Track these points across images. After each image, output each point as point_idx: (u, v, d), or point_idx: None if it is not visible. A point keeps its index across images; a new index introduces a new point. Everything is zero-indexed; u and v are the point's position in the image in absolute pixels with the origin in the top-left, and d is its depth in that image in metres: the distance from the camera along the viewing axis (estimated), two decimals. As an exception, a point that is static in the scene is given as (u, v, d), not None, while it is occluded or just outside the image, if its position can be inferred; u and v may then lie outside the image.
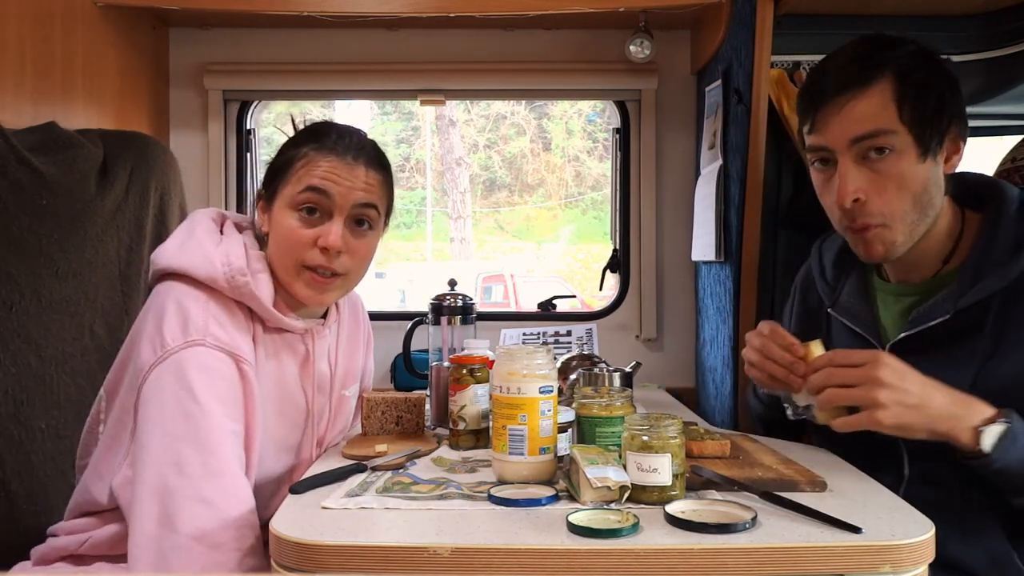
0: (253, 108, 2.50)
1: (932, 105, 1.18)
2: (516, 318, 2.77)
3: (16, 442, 1.45)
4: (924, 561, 0.92)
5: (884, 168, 1.18)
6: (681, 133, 2.46)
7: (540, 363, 1.14)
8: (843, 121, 1.19)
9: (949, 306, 1.19)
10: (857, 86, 1.18)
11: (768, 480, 1.10)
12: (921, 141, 1.17)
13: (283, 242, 1.28)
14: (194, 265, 1.22)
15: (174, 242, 1.27)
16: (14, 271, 1.47)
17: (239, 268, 1.22)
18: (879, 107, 1.17)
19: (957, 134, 1.22)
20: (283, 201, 1.28)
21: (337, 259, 1.28)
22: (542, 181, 14.55)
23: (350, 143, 1.31)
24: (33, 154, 1.53)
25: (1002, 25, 2.13)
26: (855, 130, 1.18)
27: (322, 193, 1.26)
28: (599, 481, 1.02)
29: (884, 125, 1.17)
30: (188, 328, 1.16)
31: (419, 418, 1.45)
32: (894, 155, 1.18)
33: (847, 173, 1.19)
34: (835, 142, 1.20)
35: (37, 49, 1.78)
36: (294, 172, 1.28)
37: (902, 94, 1.17)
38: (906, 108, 1.17)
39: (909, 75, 1.18)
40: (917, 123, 1.17)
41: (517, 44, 2.42)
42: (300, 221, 1.27)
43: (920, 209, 1.20)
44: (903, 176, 1.18)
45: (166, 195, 1.90)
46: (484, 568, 0.90)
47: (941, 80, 1.21)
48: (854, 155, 1.19)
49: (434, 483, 1.14)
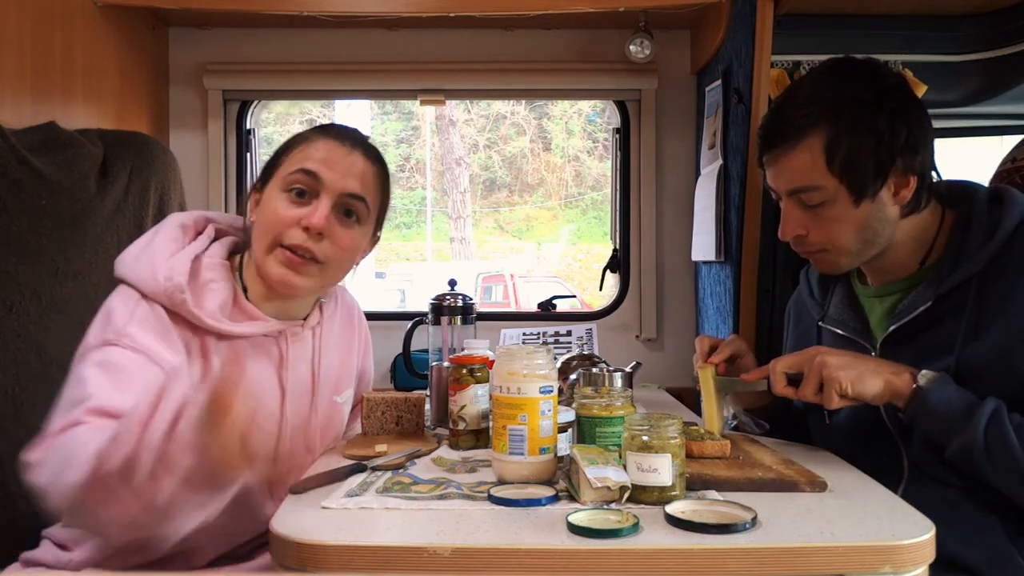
0: (253, 108, 2.50)
1: (866, 153, 1.22)
2: (516, 318, 2.77)
3: (16, 442, 1.44)
4: (924, 561, 0.92)
5: (821, 213, 1.26)
6: (681, 133, 2.46)
7: (540, 363, 1.14)
8: (779, 173, 1.29)
9: (930, 294, 1.24)
10: (788, 142, 1.26)
11: (768, 480, 1.10)
12: (854, 191, 1.23)
13: (265, 222, 1.27)
14: (141, 279, 1.22)
15: (134, 249, 1.27)
16: (14, 271, 1.47)
17: (178, 285, 1.20)
18: (808, 164, 1.24)
19: (903, 171, 1.23)
20: (275, 184, 1.28)
21: (318, 242, 1.25)
22: (542, 181, 14.55)
23: (348, 134, 1.32)
24: (33, 154, 1.53)
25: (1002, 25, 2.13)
26: (789, 182, 1.28)
27: (312, 175, 1.25)
28: (599, 481, 1.02)
29: (812, 181, 1.24)
30: (107, 329, 1.17)
31: (419, 418, 1.44)
32: (828, 203, 1.25)
33: (788, 214, 1.30)
34: (777, 187, 1.32)
35: (37, 49, 1.78)
36: (290, 155, 1.29)
37: (831, 148, 1.22)
38: (835, 163, 1.23)
39: (840, 127, 1.22)
40: (847, 175, 1.23)
41: (517, 44, 2.42)
42: (288, 202, 1.26)
43: (863, 240, 1.27)
44: (840, 220, 1.26)
45: (166, 195, 1.90)
46: (484, 568, 0.90)
47: (881, 119, 1.22)
48: (793, 201, 1.29)
49: (434, 483, 1.14)
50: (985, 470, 1.13)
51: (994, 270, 1.22)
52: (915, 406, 1.17)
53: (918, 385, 1.17)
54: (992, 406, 1.13)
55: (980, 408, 1.13)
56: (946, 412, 1.15)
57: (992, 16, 2.13)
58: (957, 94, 2.38)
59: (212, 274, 1.26)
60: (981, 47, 2.19)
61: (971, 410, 1.13)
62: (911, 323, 1.26)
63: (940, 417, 1.15)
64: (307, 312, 1.38)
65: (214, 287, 1.25)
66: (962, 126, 2.80)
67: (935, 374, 1.17)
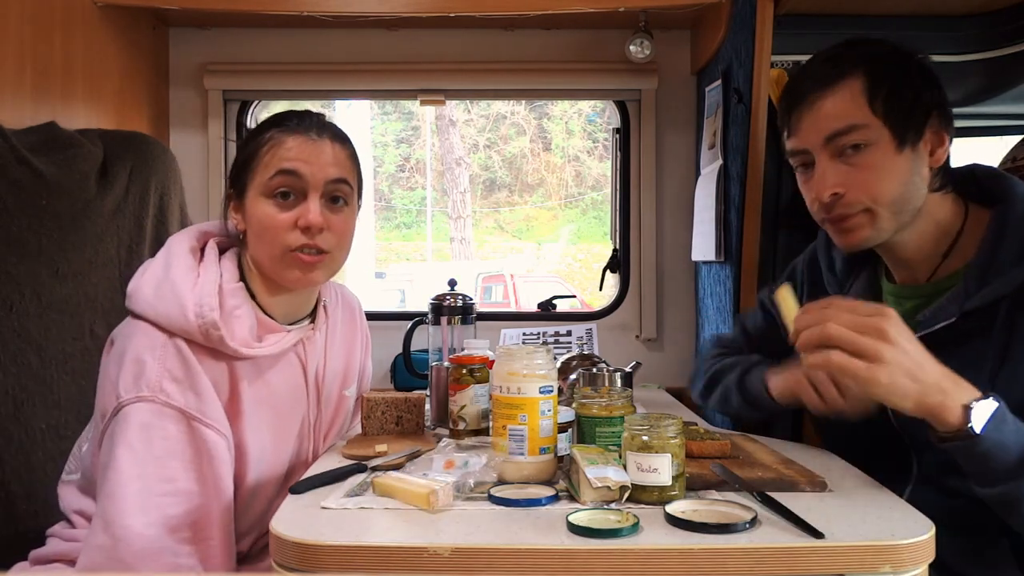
0: (253, 108, 2.50)
1: (906, 97, 1.18)
2: (516, 318, 2.77)
3: (16, 442, 1.45)
4: (924, 561, 0.92)
5: (861, 162, 1.18)
6: (681, 133, 2.46)
7: (540, 363, 1.14)
8: (816, 120, 1.20)
9: (955, 309, 1.17)
10: (826, 84, 1.19)
11: (768, 480, 1.10)
12: (896, 132, 1.17)
13: (263, 232, 1.27)
14: (168, 317, 1.21)
15: (149, 282, 1.25)
16: (14, 271, 1.47)
17: (212, 321, 1.20)
18: (849, 102, 1.18)
19: (939, 126, 1.20)
20: (255, 191, 1.27)
21: (320, 236, 1.27)
22: (542, 181, 14.55)
23: (311, 122, 1.30)
24: (33, 154, 1.53)
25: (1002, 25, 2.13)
26: (828, 127, 1.19)
27: (293, 174, 1.25)
28: (599, 481, 1.02)
29: (856, 120, 1.17)
30: (140, 383, 1.17)
31: (419, 418, 1.44)
32: (870, 148, 1.17)
33: (825, 171, 1.20)
34: (810, 141, 1.21)
35: (37, 49, 1.78)
36: (260, 160, 1.27)
37: (873, 88, 1.17)
38: (878, 101, 1.17)
39: (879, 69, 1.18)
40: (891, 115, 1.17)
41: (517, 44, 2.42)
42: (276, 207, 1.26)
43: (902, 199, 1.18)
44: (881, 168, 1.17)
45: (166, 195, 1.90)
46: (484, 568, 0.90)
47: (914, 73, 1.20)
48: (830, 152, 1.20)
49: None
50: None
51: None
52: (965, 447, 1.03)
53: (974, 432, 1.01)
54: None
55: None
56: (999, 458, 1.02)
57: (992, 16, 2.13)
58: (957, 94, 2.38)
59: (235, 300, 1.26)
60: (981, 47, 2.19)
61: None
62: (934, 336, 1.15)
63: (990, 461, 1.03)
64: (312, 304, 1.40)
65: (239, 313, 1.25)
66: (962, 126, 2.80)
67: (993, 407, 1.02)
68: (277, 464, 1.33)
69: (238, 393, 1.26)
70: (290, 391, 1.34)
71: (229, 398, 1.25)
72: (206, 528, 1.18)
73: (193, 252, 1.30)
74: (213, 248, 1.32)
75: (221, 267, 1.29)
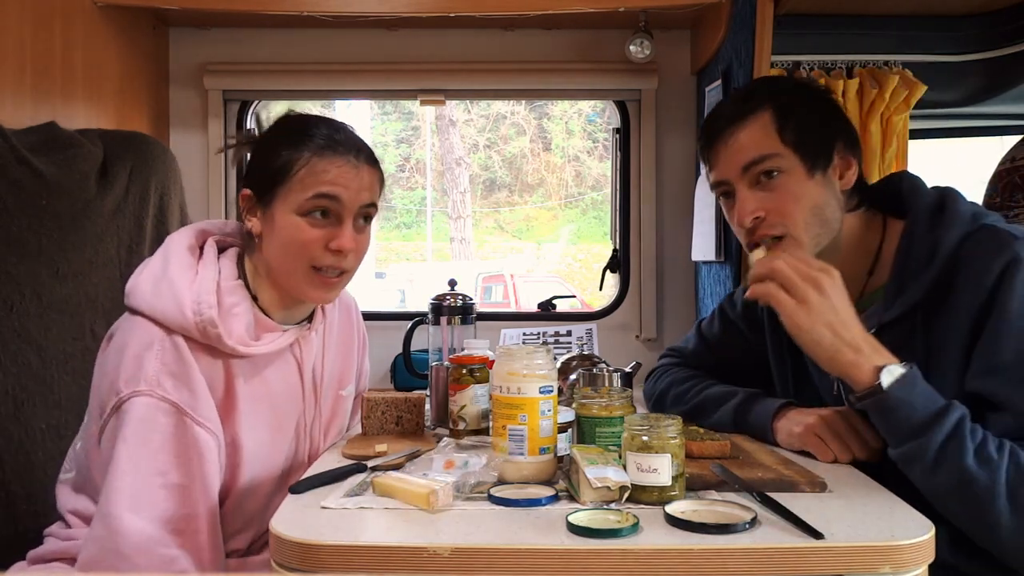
0: (253, 108, 2.50)
1: (812, 125, 1.27)
2: (516, 318, 2.77)
3: (16, 442, 1.45)
4: (924, 561, 0.92)
5: (776, 187, 1.26)
6: (681, 133, 2.46)
7: (540, 363, 1.14)
8: (731, 152, 1.28)
9: (874, 322, 1.22)
10: (739, 119, 1.28)
11: (768, 481, 1.10)
12: (806, 160, 1.25)
13: (290, 245, 1.27)
14: (165, 313, 1.21)
15: (147, 279, 1.25)
16: (14, 271, 1.47)
17: (210, 319, 1.21)
18: (760, 133, 1.26)
19: (845, 151, 1.29)
20: (288, 207, 1.26)
21: (347, 258, 1.29)
22: (542, 181, 14.55)
23: (348, 143, 1.30)
24: (33, 154, 1.53)
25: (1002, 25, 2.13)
26: (743, 158, 1.27)
27: (334, 199, 1.26)
28: (599, 481, 1.02)
29: (767, 150, 1.25)
30: (139, 377, 1.18)
31: (419, 418, 1.44)
32: (783, 175, 1.25)
33: (745, 198, 1.27)
34: (729, 172, 1.29)
35: (37, 49, 1.78)
36: (296, 176, 1.26)
37: (781, 119, 1.26)
38: (787, 131, 1.25)
39: (786, 102, 1.27)
40: (799, 144, 1.25)
41: (517, 44, 2.42)
42: (311, 224, 1.26)
43: (818, 222, 1.25)
44: (794, 192, 1.25)
45: (166, 195, 1.90)
46: (484, 568, 0.90)
47: (819, 103, 1.31)
48: (748, 181, 1.27)
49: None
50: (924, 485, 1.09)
51: (937, 298, 1.18)
52: (875, 403, 1.10)
53: (882, 387, 1.09)
54: (956, 417, 1.06)
55: (942, 420, 1.06)
56: (905, 415, 1.08)
57: (992, 16, 2.13)
58: (957, 94, 2.38)
59: (233, 298, 1.27)
60: (981, 47, 2.19)
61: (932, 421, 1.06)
62: None
63: (896, 417, 1.09)
64: (311, 306, 1.40)
65: (237, 311, 1.26)
66: (962, 126, 2.81)
67: (901, 370, 1.09)
68: (273, 462, 1.34)
69: (234, 390, 1.26)
70: (286, 389, 1.35)
71: (225, 395, 1.26)
72: (195, 521, 1.18)
73: (192, 250, 1.30)
74: (212, 246, 1.32)
75: (220, 265, 1.30)
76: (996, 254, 1.14)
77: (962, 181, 1.37)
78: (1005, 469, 1.04)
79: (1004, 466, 1.04)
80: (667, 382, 1.55)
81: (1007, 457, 1.05)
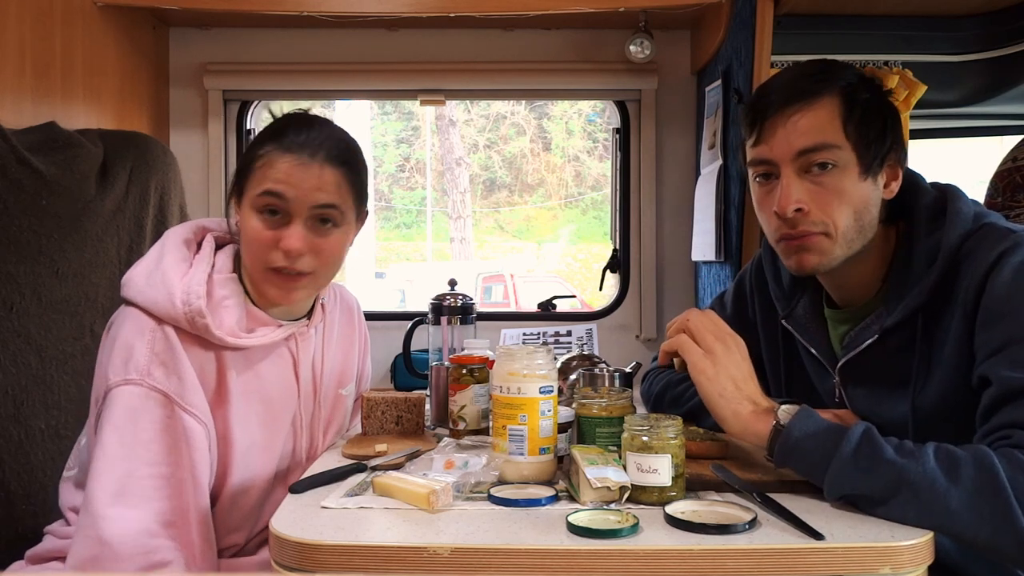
0: (253, 108, 2.50)
1: (876, 126, 1.19)
2: (516, 318, 2.77)
3: (16, 442, 1.45)
4: (924, 562, 0.92)
5: (826, 182, 1.17)
6: (681, 133, 2.46)
7: (540, 363, 1.14)
8: (789, 133, 1.18)
9: (876, 328, 1.20)
10: (805, 99, 1.18)
11: (768, 481, 1.10)
12: (863, 159, 1.17)
13: (248, 243, 1.27)
14: (156, 304, 1.21)
15: (142, 270, 1.26)
16: (14, 271, 1.47)
17: (198, 309, 1.21)
18: (825, 121, 1.17)
19: (896, 161, 1.22)
20: (247, 202, 1.27)
21: (300, 260, 1.25)
22: (542, 181, 14.55)
23: (307, 140, 1.25)
24: (33, 154, 1.53)
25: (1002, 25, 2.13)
26: (800, 142, 1.17)
27: (279, 196, 1.23)
28: (599, 481, 1.02)
29: (829, 139, 1.17)
30: (129, 366, 1.18)
31: (419, 418, 1.44)
32: (836, 170, 1.17)
33: (790, 184, 1.18)
34: (780, 154, 1.19)
35: (37, 49, 1.78)
36: (255, 172, 1.26)
37: (848, 111, 1.17)
38: (851, 125, 1.17)
39: (855, 95, 1.18)
40: (861, 141, 1.17)
41: (517, 44, 2.42)
42: (262, 223, 1.25)
43: (859, 226, 1.19)
44: (845, 191, 1.17)
45: (166, 195, 1.90)
46: (484, 568, 0.90)
47: (884, 106, 1.22)
48: (797, 168, 1.18)
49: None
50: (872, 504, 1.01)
51: (938, 302, 1.15)
52: (779, 448, 1.07)
53: (778, 421, 1.08)
54: (860, 428, 1.03)
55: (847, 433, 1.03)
56: (812, 447, 1.04)
57: (992, 16, 2.13)
58: (957, 94, 2.38)
59: (225, 291, 1.27)
60: (981, 47, 2.19)
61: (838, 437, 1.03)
62: (864, 356, 1.21)
63: (805, 451, 1.05)
64: (309, 303, 1.40)
65: (228, 303, 1.26)
66: (962, 126, 2.81)
67: (795, 408, 1.08)
68: (268, 457, 1.33)
69: (225, 383, 1.26)
70: (280, 385, 1.34)
71: (216, 387, 1.26)
72: (185, 513, 1.18)
73: (188, 244, 1.31)
74: (210, 242, 1.33)
75: (216, 259, 1.30)
76: (993, 247, 1.11)
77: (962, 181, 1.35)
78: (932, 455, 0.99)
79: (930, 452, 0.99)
80: (662, 384, 1.55)
81: (931, 449, 1.00)
